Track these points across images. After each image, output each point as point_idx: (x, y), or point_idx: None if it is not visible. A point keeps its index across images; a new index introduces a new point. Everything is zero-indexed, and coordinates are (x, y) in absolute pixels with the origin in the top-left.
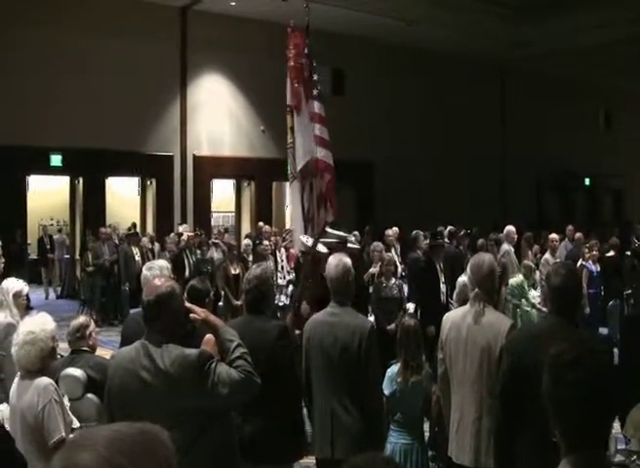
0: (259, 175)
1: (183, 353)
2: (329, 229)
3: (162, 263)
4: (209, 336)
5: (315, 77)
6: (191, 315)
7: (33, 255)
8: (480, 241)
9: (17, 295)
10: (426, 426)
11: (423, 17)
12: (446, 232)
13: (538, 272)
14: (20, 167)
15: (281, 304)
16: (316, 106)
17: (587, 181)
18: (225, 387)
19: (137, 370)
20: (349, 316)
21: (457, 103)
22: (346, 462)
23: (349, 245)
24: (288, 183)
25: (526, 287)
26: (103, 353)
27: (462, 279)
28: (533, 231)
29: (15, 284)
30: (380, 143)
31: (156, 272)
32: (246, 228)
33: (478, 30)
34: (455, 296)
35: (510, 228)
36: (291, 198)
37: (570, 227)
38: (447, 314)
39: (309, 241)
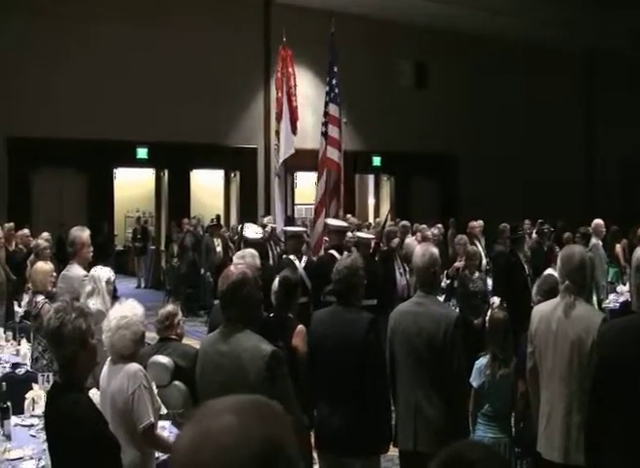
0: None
1: (258, 346)
2: (329, 220)
3: (252, 252)
4: (300, 328)
5: (334, 81)
6: None
7: (119, 246)
8: (566, 234)
9: (107, 283)
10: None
11: (507, 6)
12: (528, 225)
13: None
14: (107, 160)
15: None
16: (332, 108)
17: None
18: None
19: (214, 355)
20: (435, 306)
21: (541, 94)
22: (453, 453)
23: (362, 234)
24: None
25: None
26: (189, 343)
27: (547, 271)
28: (620, 225)
29: (104, 271)
30: (464, 137)
31: (249, 260)
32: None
33: (564, 19)
34: (535, 289)
35: (599, 221)
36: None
37: None
38: (536, 307)
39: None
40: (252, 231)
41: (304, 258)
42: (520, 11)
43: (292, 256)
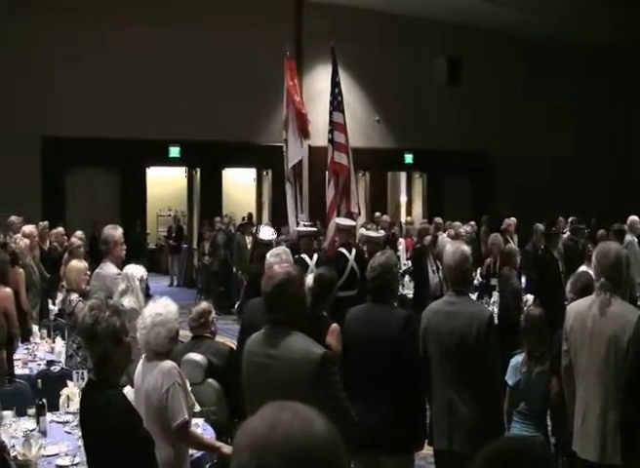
0: (374, 165)
1: (307, 347)
2: (338, 220)
3: (286, 250)
4: (334, 326)
5: (337, 90)
6: None
7: (152, 245)
8: (600, 231)
9: (139, 281)
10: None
11: (537, 3)
12: (562, 223)
13: None
14: (139, 159)
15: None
16: (336, 116)
17: None
18: (331, 401)
19: (261, 357)
20: (467, 304)
21: (572, 92)
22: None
23: (370, 233)
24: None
25: None
26: (221, 340)
27: (581, 269)
28: None
29: (138, 269)
30: (497, 134)
31: (283, 257)
32: (361, 218)
33: (595, 17)
34: (569, 286)
35: (634, 218)
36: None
37: None
38: (571, 304)
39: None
40: (266, 232)
41: (315, 256)
42: (554, 8)
43: (304, 255)
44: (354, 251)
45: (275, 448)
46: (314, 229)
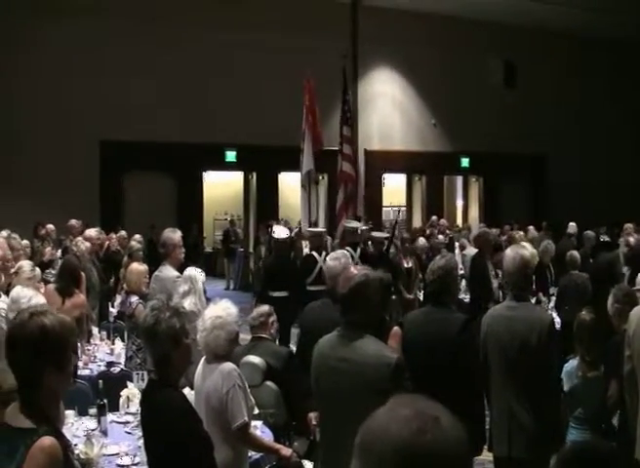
0: (429, 168)
1: (382, 353)
2: (344, 222)
3: (345, 252)
4: (396, 330)
5: (347, 107)
6: None
7: (208, 248)
8: None
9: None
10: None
11: (598, 3)
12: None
13: None
14: (196, 163)
15: None
16: (345, 130)
17: None
18: None
19: (333, 359)
20: (527, 309)
21: (633, 94)
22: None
23: (376, 234)
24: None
25: None
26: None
27: None
28: None
29: (198, 272)
30: (554, 137)
31: (342, 260)
32: (417, 222)
33: None
34: (611, 297)
35: None
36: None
37: None
38: (634, 309)
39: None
40: (282, 231)
41: (324, 253)
42: (611, 7)
43: (313, 252)
44: (359, 250)
45: (422, 454)
46: (322, 230)
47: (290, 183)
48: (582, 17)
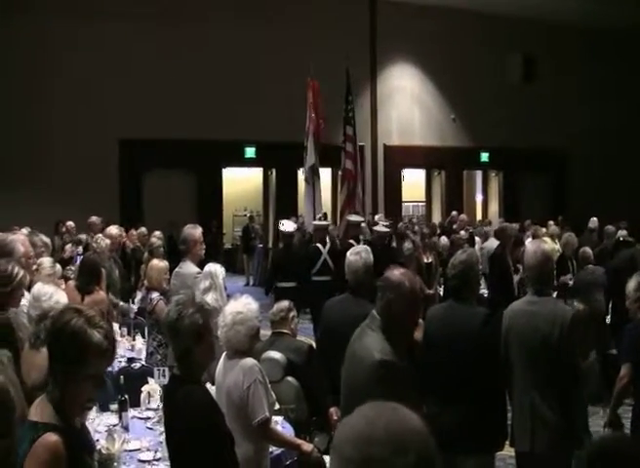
0: (449, 164)
1: (371, 349)
2: (348, 216)
3: (367, 248)
4: (420, 322)
5: (350, 107)
6: None
7: (227, 245)
8: None
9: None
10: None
11: None
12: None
13: None
14: (216, 159)
15: None
16: (349, 129)
17: None
18: None
19: (349, 352)
20: (549, 304)
21: None
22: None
23: (378, 228)
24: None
25: None
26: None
27: None
28: None
29: (219, 268)
30: (573, 131)
31: (363, 255)
32: (437, 217)
33: None
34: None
35: None
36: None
37: None
38: None
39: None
40: (288, 225)
41: (328, 245)
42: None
43: (318, 244)
44: (362, 243)
45: (377, 438)
46: (327, 223)
47: None
48: (602, 10)
